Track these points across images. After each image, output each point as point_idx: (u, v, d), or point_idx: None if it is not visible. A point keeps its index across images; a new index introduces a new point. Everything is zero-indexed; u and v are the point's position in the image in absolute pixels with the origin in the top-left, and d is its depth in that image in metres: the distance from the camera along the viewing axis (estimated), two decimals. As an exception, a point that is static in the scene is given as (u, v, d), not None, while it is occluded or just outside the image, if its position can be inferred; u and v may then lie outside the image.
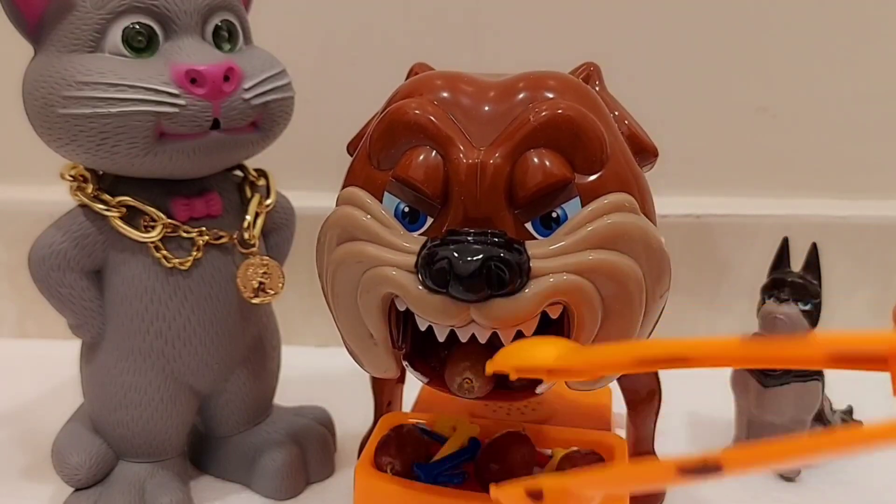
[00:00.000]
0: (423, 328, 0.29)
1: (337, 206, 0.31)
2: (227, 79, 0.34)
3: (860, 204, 0.56)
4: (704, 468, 0.20)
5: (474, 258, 0.26)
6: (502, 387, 0.31)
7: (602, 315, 0.28)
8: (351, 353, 0.32)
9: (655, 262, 0.28)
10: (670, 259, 0.29)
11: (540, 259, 0.27)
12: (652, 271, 0.28)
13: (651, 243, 0.28)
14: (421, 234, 0.29)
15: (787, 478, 0.42)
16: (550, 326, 0.28)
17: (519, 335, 0.28)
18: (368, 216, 0.29)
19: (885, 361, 0.20)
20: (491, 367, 0.27)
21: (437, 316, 0.27)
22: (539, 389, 0.30)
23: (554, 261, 0.27)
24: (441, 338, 0.29)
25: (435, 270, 0.26)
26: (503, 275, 0.26)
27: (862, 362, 0.20)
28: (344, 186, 0.31)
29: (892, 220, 0.55)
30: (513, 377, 0.28)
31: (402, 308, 0.29)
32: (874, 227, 0.55)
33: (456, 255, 0.26)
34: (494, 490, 0.27)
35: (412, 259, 0.27)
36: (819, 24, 0.56)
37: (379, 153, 0.29)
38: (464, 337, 0.28)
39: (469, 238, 0.27)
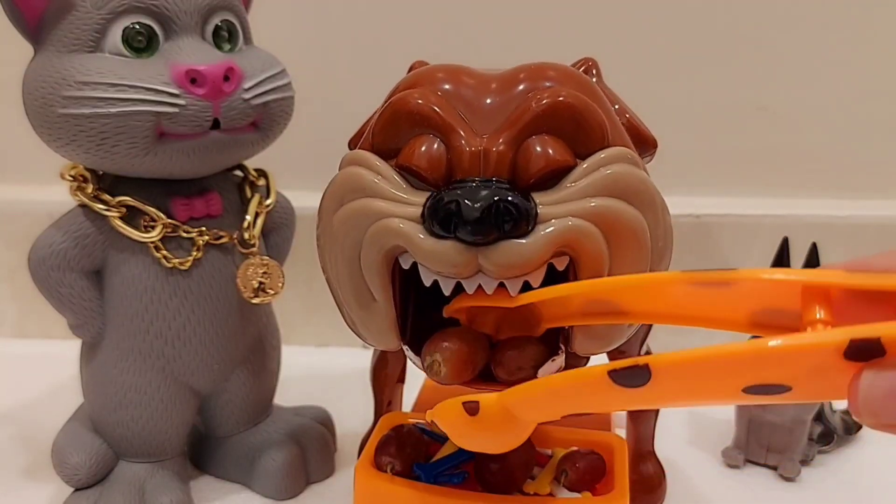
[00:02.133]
0: (428, 283, 0.28)
1: (341, 168, 0.30)
2: (227, 79, 0.34)
3: (860, 204, 0.56)
4: (634, 367, 0.20)
5: (482, 199, 0.26)
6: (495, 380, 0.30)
7: (609, 270, 0.27)
8: (350, 325, 0.31)
9: (661, 215, 0.28)
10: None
11: (547, 205, 0.27)
12: (657, 222, 0.28)
13: (653, 195, 0.28)
14: None
15: (787, 478, 0.42)
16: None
17: (526, 287, 0.28)
18: (374, 174, 0.29)
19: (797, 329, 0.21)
20: (447, 311, 0.29)
21: (443, 265, 0.27)
22: (539, 373, 0.30)
23: (560, 207, 0.27)
24: (447, 291, 0.28)
25: (442, 214, 0.26)
26: (512, 214, 0.26)
27: (783, 330, 0.22)
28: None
29: (892, 220, 0.55)
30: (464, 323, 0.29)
31: (406, 266, 0.28)
32: (874, 227, 0.55)
33: (463, 198, 0.26)
34: (430, 413, 0.27)
35: (418, 210, 0.27)
36: (818, 23, 0.56)
37: (381, 143, 0.29)
38: (470, 288, 0.28)
39: (474, 184, 0.27)
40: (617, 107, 0.31)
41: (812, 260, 0.41)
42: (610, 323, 0.28)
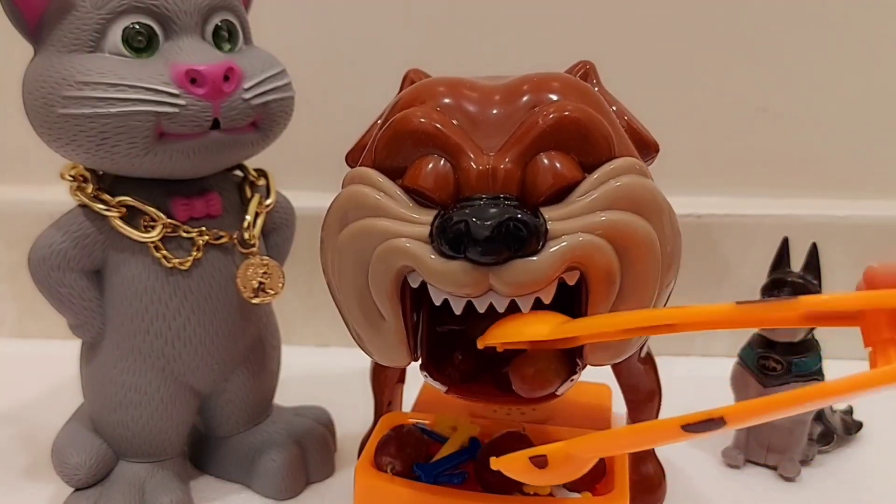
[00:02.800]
0: (438, 302, 0.28)
1: (344, 186, 0.30)
2: (226, 79, 0.34)
3: (860, 204, 0.56)
4: (709, 421, 0.20)
5: (492, 218, 0.26)
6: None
7: (620, 283, 0.27)
8: (358, 341, 0.31)
9: (669, 225, 0.28)
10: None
11: (556, 221, 0.27)
12: (665, 233, 0.28)
13: (662, 205, 0.28)
14: None
15: (787, 478, 0.42)
16: (568, 300, 0.28)
17: (538, 304, 0.28)
18: (378, 192, 0.28)
19: (855, 318, 0.21)
20: (481, 342, 0.28)
21: (453, 285, 0.27)
22: (559, 391, 0.30)
23: (570, 222, 0.27)
24: (458, 310, 0.28)
25: (451, 234, 0.26)
26: (521, 233, 0.26)
27: (835, 319, 0.22)
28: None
29: (892, 220, 0.55)
30: (500, 347, 0.29)
31: (415, 284, 0.28)
32: (874, 227, 0.55)
33: (473, 217, 0.26)
34: (494, 462, 0.27)
35: (426, 230, 0.27)
36: (819, 24, 0.56)
37: (384, 162, 0.29)
38: (481, 307, 0.28)
39: (482, 202, 0.27)
40: (615, 108, 0.31)
41: (812, 260, 0.41)
42: (656, 335, 0.27)
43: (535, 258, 0.26)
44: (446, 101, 0.29)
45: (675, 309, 0.25)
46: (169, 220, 0.36)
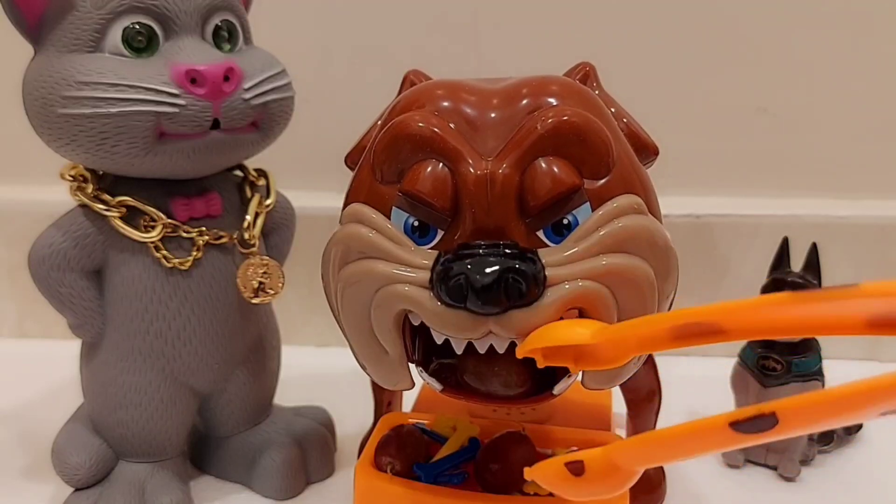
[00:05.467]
0: (439, 342, 0.29)
1: (342, 223, 0.30)
2: (227, 79, 0.34)
3: (860, 204, 0.56)
4: (759, 417, 0.19)
5: (491, 272, 0.26)
6: None
7: (616, 317, 0.28)
8: (362, 367, 0.32)
9: (664, 262, 0.28)
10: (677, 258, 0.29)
11: (554, 267, 0.27)
12: (661, 271, 0.28)
13: (660, 243, 0.28)
14: (432, 248, 0.28)
15: (787, 478, 0.42)
16: None
17: None
18: (376, 233, 0.29)
19: None
20: (521, 351, 0.27)
21: (455, 331, 0.27)
22: (556, 390, 0.30)
23: (568, 268, 0.27)
24: (459, 350, 0.28)
25: (451, 286, 0.26)
26: (521, 286, 0.26)
27: None
28: (347, 202, 0.31)
29: (892, 220, 0.55)
30: (541, 364, 0.27)
31: (416, 322, 0.29)
32: (874, 227, 0.55)
33: (472, 269, 0.26)
34: (528, 472, 0.26)
35: (426, 275, 0.27)
36: (819, 24, 0.56)
37: (383, 166, 0.29)
38: (482, 348, 0.28)
39: (481, 251, 0.27)
40: (613, 110, 0.31)
41: (812, 260, 0.41)
42: (707, 344, 0.25)
43: (534, 306, 0.26)
44: (445, 104, 0.29)
45: (728, 304, 0.23)
46: (169, 220, 0.36)
